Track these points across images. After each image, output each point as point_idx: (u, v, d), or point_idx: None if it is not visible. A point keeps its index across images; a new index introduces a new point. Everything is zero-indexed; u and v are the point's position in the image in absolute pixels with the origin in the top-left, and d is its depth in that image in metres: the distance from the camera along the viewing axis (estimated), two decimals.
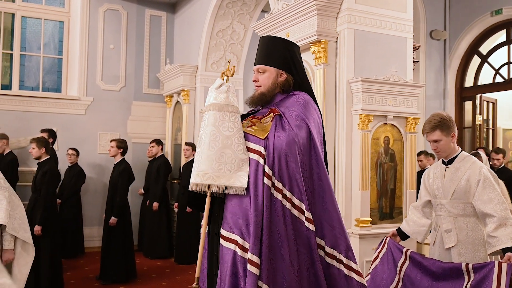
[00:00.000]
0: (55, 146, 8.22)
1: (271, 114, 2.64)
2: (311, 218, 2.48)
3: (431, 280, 3.34)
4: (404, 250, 3.59)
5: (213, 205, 2.62)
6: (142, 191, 8.41)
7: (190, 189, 2.47)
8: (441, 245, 3.52)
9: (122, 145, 6.58)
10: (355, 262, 2.62)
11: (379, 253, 3.80)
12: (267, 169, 2.43)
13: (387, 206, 4.85)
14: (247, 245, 2.38)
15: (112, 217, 6.28)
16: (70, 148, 7.98)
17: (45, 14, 8.75)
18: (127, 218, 6.49)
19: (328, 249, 2.57)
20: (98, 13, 8.78)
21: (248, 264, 2.33)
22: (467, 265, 3.16)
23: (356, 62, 4.81)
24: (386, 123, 4.84)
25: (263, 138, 2.51)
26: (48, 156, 5.69)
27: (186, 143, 7.69)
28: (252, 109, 2.86)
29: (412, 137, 4.96)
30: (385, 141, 4.86)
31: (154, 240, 7.95)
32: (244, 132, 2.55)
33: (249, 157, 2.49)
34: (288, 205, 2.44)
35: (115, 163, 6.60)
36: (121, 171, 6.44)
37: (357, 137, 4.72)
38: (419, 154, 7.40)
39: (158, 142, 8.21)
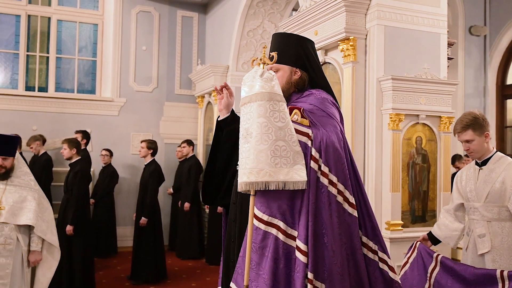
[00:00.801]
0: (89, 147, 8.36)
1: (295, 110, 2.51)
2: (355, 204, 2.37)
3: (462, 287, 3.18)
4: (434, 255, 3.44)
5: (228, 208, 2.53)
6: (171, 190, 8.45)
7: (240, 189, 2.26)
8: (474, 250, 3.34)
9: (152, 145, 6.61)
10: (389, 257, 2.50)
11: (408, 258, 3.65)
12: (313, 151, 2.30)
13: (419, 208, 4.66)
14: (290, 231, 2.27)
15: (143, 218, 6.31)
16: (103, 149, 8.10)
17: (79, 17, 8.91)
18: (157, 219, 6.51)
19: (364, 239, 2.46)
20: (130, 15, 8.88)
21: (296, 251, 2.23)
22: (501, 272, 2.98)
23: (386, 59, 4.65)
24: (418, 123, 4.66)
25: (307, 125, 2.38)
26: (79, 157, 5.76)
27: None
28: None
29: (446, 137, 4.75)
30: (417, 141, 4.68)
31: (186, 241, 7.96)
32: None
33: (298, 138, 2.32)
34: (334, 190, 2.31)
35: (145, 164, 6.63)
36: (151, 172, 6.47)
37: (387, 137, 4.55)
38: (453, 160, 7.16)
39: (189, 142, 8.22)
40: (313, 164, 2.28)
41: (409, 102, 4.58)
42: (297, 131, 2.31)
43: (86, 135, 7.22)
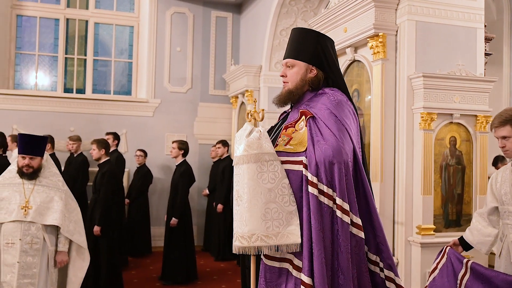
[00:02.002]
0: (124, 148, 8.49)
1: (303, 117, 2.41)
2: (360, 224, 2.25)
3: None
4: (464, 261, 3.25)
5: None
6: (207, 191, 8.44)
7: (234, 251, 2.22)
8: (507, 257, 3.14)
9: (183, 146, 6.61)
10: (397, 275, 2.36)
11: (438, 263, 3.47)
12: (310, 176, 2.20)
13: (453, 212, 4.44)
14: (300, 264, 2.20)
15: (173, 218, 6.31)
16: (138, 150, 8.18)
17: (116, 19, 9.05)
18: (187, 219, 6.50)
19: (370, 255, 2.35)
20: (165, 17, 8.94)
21: (301, 286, 2.15)
22: None
23: (418, 56, 4.45)
24: (452, 122, 4.44)
25: (303, 150, 2.28)
26: (108, 158, 5.82)
27: None
28: (282, 113, 2.66)
29: (482, 137, 4.51)
30: (451, 142, 4.46)
31: (219, 242, 7.93)
32: (284, 152, 2.31)
33: (292, 170, 2.25)
34: (338, 212, 2.20)
35: (176, 164, 6.64)
36: (181, 172, 6.47)
37: (418, 137, 4.36)
38: (495, 162, 6.83)
39: (224, 143, 8.18)
40: (311, 189, 2.18)
41: (442, 100, 4.36)
42: (289, 162, 2.24)
43: (117, 137, 7.30)
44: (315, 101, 2.44)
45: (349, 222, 2.20)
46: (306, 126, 2.33)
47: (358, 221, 2.23)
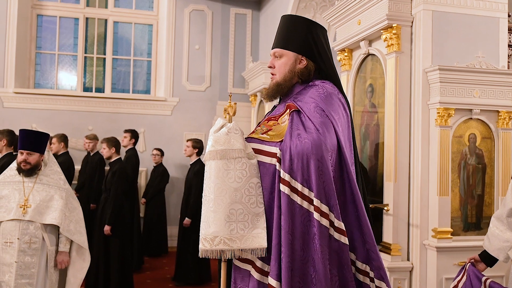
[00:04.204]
0: (142, 147, 8.43)
1: (288, 110, 2.22)
2: (343, 229, 2.04)
3: None
4: (483, 279, 2.99)
5: None
6: None
7: (200, 256, 2.07)
8: None
9: (197, 145, 6.49)
10: (389, 286, 2.14)
11: (458, 281, 3.20)
12: (282, 173, 2.02)
13: (472, 215, 4.15)
14: (266, 268, 2.03)
15: (186, 218, 6.20)
16: (154, 149, 8.11)
17: (135, 18, 9.01)
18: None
19: (359, 264, 2.13)
20: (183, 14, 8.85)
21: None
22: None
23: (434, 48, 4.17)
24: (471, 118, 4.15)
25: (279, 141, 2.10)
26: (119, 156, 5.74)
27: None
28: (272, 107, 2.47)
29: (505, 134, 4.19)
30: (471, 139, 4.16)
31: None
32: (258, 139, 2.14)
33: (264, 162, 2.08)
34: (316, 214, 2.00)
35: (190, 163, 6.52)
36: (195, 172, 6.34)
37: (434, 134, 4.08)
38: None
39: None
40: (282, 188, 2.00)
41: (459, 95, 4.08)
42: (262, 152, 2.07)
43: (134, 134, 7.23)
44: (303, 94, 2.26)
45: (328, 226, 2.00)
46: (288, 119, 2.14)
47: (341, 225, 2.02)
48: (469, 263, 3.16)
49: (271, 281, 1.97)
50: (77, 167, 7.51)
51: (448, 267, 4.00)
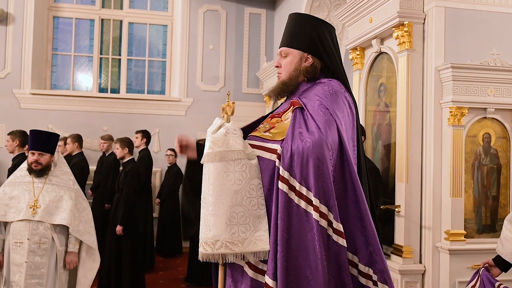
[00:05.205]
0: (156, 147, 8.46)
1: (292, 107, 2.19)
2: (341, 231, 1.99)
3: None
4: (496, 284, 2.91)
5: None
6: None
7: (200, 259, 2.02)
8: None
9: None
10: None
11: (472, 287, 3.11)
12: (281, 170, 1.98)
13: (487, 217, 4.04)
14: (260, 265, 2.01)
15: None
16: (168, 149, 8.12)
17: (150, 19, 9.05)
18: None
19: (362, 267, 2.07)
20: (198, 15, 8.85)
21: None
22: None
23: (447, 46, 4.07)
24: (485, 117, 4.04)
25: (281, 139, 2.07)
26: (132, 157, 5.75)
27: None
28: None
29: None
30: (485, 139, 4.06)
31: None
32: (260, 137, 2.12)
33: (263, 158, 2.05)
34: (315, 214, 1.95)
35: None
36: None
37: (447, 134, 3.98)
38: None
39: None
40: (281, 185, 1.96)
41: (473, 93, 3.97)
42: (263, 148, 2.03)
43: (145, 135, 7.25)
44: (309, 91, 2.23)
45: (326, 226, 1.95)
46: (291, 117, 2.11)
47: (339, 226, 1.97)
48: (483, 268, 3.07)
49: (268, 280, 1.94)
50: (92, 167, 7.56)
51: (462, 270, 3.90)
